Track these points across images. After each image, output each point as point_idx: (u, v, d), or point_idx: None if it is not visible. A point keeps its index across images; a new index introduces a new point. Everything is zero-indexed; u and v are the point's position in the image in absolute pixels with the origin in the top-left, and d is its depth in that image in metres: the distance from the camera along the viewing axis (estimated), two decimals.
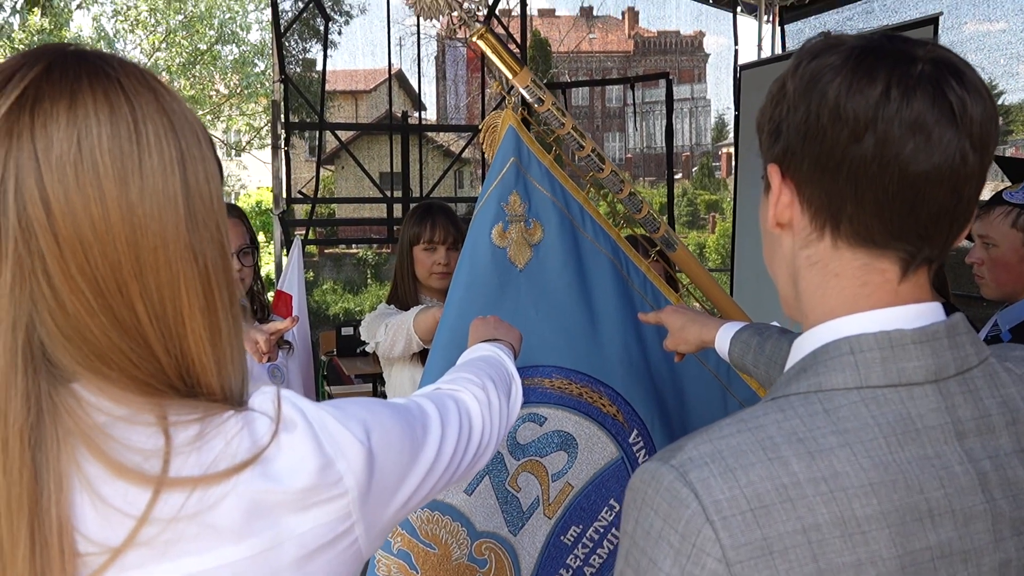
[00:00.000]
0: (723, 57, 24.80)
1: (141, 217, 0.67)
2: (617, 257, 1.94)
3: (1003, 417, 0.77)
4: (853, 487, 0.70)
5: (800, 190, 0.80)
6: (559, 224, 1.90)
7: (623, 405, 1.90)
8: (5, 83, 0.66)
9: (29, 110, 0.65)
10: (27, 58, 0.69)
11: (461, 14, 1.82)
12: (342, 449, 0.75)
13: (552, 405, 1.87)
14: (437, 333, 1.86)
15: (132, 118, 0.68)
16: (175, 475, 0.67)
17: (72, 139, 0.65)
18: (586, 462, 1.88)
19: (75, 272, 0.65)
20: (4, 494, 0.63)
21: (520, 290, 1.87)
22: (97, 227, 0.66)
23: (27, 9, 15.60)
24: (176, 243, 0.69)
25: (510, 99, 1.93)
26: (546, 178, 1.91)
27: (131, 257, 0.67)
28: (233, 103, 19.12)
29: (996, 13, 5.87)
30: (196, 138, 0.73)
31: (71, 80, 0.67)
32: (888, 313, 0.77)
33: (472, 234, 1.89)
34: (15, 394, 0.64)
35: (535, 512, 1.85)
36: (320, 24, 7.33)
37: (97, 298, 0.66)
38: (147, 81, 0.71)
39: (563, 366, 1.88)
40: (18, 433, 0.63)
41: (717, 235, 19.26)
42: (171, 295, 0.69)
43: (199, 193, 0.72)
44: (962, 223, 0.78)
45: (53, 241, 0.64)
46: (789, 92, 0.79)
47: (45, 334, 0.66)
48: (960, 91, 0.73)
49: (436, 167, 11.57)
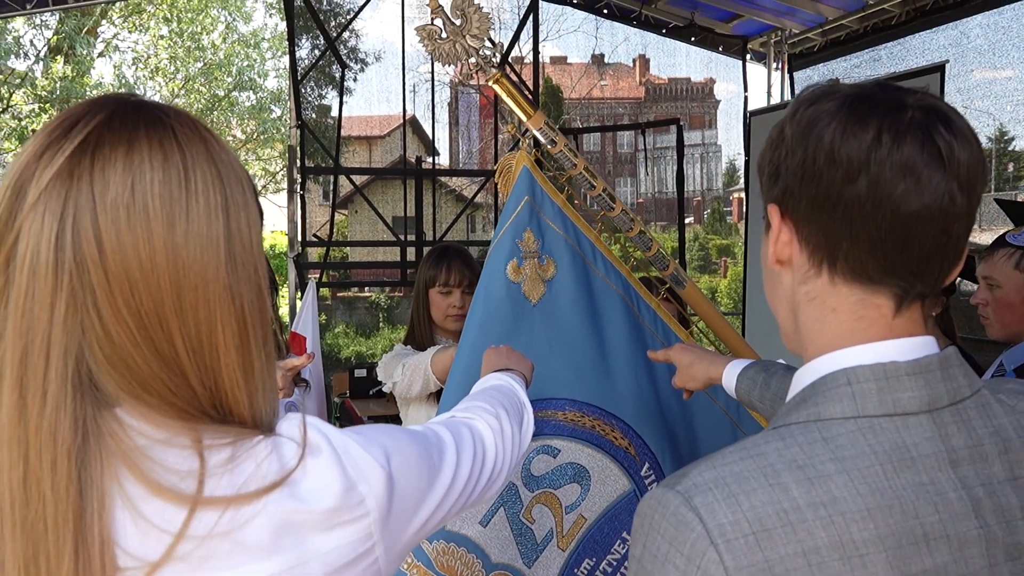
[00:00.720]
0: (733, 104, 25.07)
1: (185, 258, 0.72)
2: (628, 293, 1.99)
3: (996, 446, 0.80)
4: (851, 512, 0.74)
5: (798, 229, 0.84)
6: (571, 261, 1.95)
7: (635, 438, 1.93)
8: (70, 128, 0.72)
9: (90, 154, 0.71)
10: (91, 106, 0.74)
11: (478, 60, 1.89)
12: (364, 473, 0.79)
13: (565, 437, 1.90)
14: (453, 365, 1.90)
15: (183, 165, 0.73)
16: (209, 495, 0.72)
17: (127, 183, 0.71)
18: (599, 494, 1.90)
19: (122, 306, 0.70)
20: (52, 510, 0.67)
21: (534, 324, 1.92)
22: (144, 265, 0.71)
23: (50, 57, 15.97)
24: (216, 283, 0.74)
25: (524, 141, 1.99)
26: (559, 216, 1.97)
27: (173, 295, 0.72)
28: (249, 148, 19.39)
29: (1002, 61, 5.96)
30: (240, 186, 0.78)
31: (130, 128, 0.73)
32: (883, 346, 0.81)
33: (487, 269, 1.94)
34: (64, 416, 0.68)
35: (549, 544, 1.87)
36: (336, 71, 7.49)
37: (140, 330, 0.71)
38: (199, 131, 0.77)
39: (576, 399, 1.91)
40: (66, 453, 0.67)
41: (729, 279, 19.28)
42: (208, 332, 0.74)
43: (240, 238, 0.77)
44: (953, 260, 0.82)
45: (103, 276, 0.69)
46: (787, 137, 0.84)
47: (93, 361, 0.70)
48: (948, 136, 0.78)
49: (449, 211, 11.69)
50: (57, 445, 0.67)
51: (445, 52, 1.88)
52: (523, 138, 1.99)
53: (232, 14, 18.50)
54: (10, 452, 0.68)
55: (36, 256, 0.68)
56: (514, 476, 1.87)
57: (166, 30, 18.00)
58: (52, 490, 0.67)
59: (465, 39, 1.87)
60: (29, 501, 0.67)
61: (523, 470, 1.88)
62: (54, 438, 0.67)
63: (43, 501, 0.67)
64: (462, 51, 1.87)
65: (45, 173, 0.70)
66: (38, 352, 0.68)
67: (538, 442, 1.88)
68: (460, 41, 1.87)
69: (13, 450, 0.67)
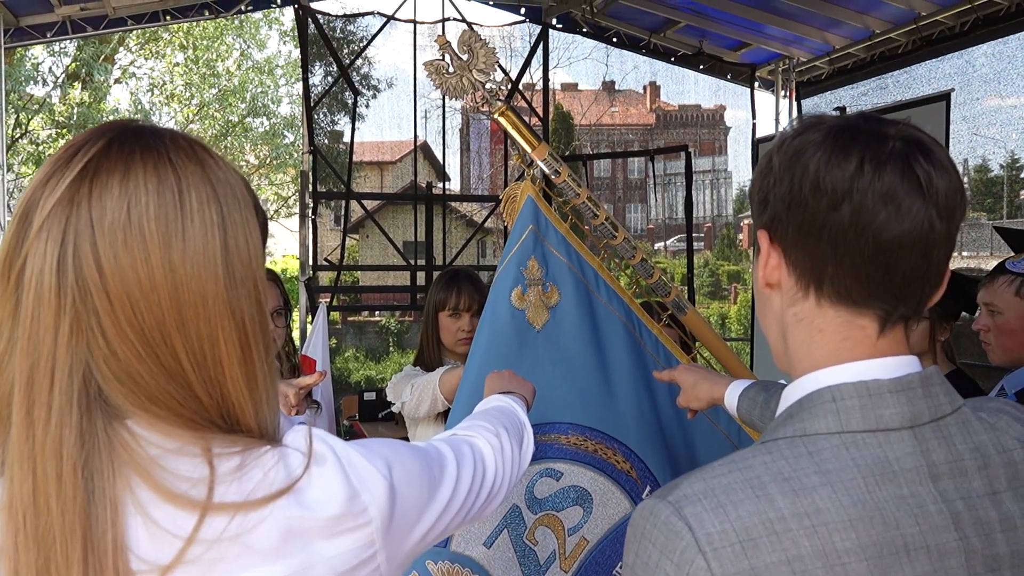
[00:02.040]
0: (743, 131, 25.14)
1: (182, 276, 0.76)
2: (630, 320, 2.03)
3: (975, 462, 0.84)
4: (834, 522, 0.77)
5: (786, 253, 0.88)
6: (575, 288, 2.00)
7: (636, 462, 1.96)
8: (72, 156, 0.77)
9: (89, 181, 0.75)
10: (93, 134, 0.79)
11: (484, 93, 1.95)
12: (367, 482, 0.83)
13: (568, 461, 1.93)
14: (459, 390, 1.94)
15: (178, 187, 0.77)
16: (219, 501, 0.75)
17: (123, 207, 0.75)
18: (601, 517, 1.93)
19: (125, 324, 0.74)
20: (59, 521, 0.71)
21: (538, 350, 1.96)
22: (143, 285, 0.74)
23: (68, 83, 16.21)
24: (215, 300, 0.78)
25: (530, 171, 2.05)
26: (562, 245, 2.02)
27: (174, 312, 0.76)
28: (262, 173, 19.57)
29: (1008, 90, 6.02)
30: (237, 203, 0.82)
31: (126, 155, 0.77)
32: (867, 365, 0.85)
33: (493, 296, 1.99)
34: (70, 432, 0.72)
35: (552, 566, 1.90)
36: (349, 98, 7.59)
37: (144, 347, 0.75)
38: (195, 152, 0.81)
39: (579, 423, 1.95)
40: (72, 466, 0.71)
41: (739, 305, 19.25)
42: (211, 346, 0.78)
43: (238, 254, 0.80)
44: (933, 284, 0.86)
45: (105, 298, 0.73)
46: (775, 166, 0.88)
47: (101, 378, 0.74)
48: (927, 166, 0.82)
49: (459, 236, 11.76)
50: (63, 459, 0.71)
51: (452, 86, 1.94)
52: (528, 169, 2.04)
53: (247, 41, 18.75)
54: (20, 467, 0.72)
55: (40, 280, 0.72)
56: (517, 498, 1.90)
57: (181, 57, 18.26)
58: (59, 502, 0.71)
59: (471, 73, 1.93)
60: (39, 513, 0.71)
61: (526, 493, 1.91)
62: (59, 452, 0.71)
63: (51, 512, 0.70)
64: (468, 85, 1.93)
65: (48, 200, 0.74)
66: (43, 372, 0.72)
67: (541, 465, 1.91)
68: (467, 75, 1.93)
69: (23, 465, 0.71)
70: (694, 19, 6.45)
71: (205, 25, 17.21)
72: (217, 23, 17.22)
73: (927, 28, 5.63)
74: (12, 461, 0.72)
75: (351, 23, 11.10)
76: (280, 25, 18.77)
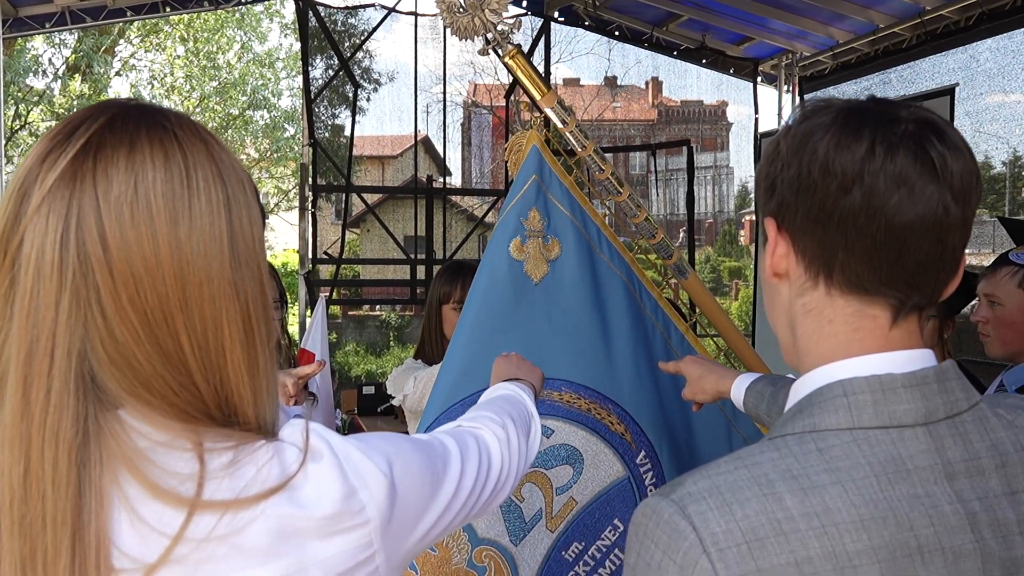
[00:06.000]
0: (745, 126, 25.05)
1: (188, 254, 0.73)
2: (631, 280, 1.99)
3: (992, 460, 0.80)
4: (844, 522, 0.74)
5: (795, 241, 0.84)
6: (576, 243, 1.96)
7: (631, 425, 1.92)
8: (72, 133, 0.73)
9: (93, 156, 0.72)
10: (93, 111, 0.76)
11: (495, 35, 1.90)
12: (365, 480, 0.79)
13: (560, 418, 1.89)
14: (452, 341, 1.90)
15: (184, 164, 0.74)
16: (208, 498, 0.72)
17: (129, 182, 0.72)
18: (592, 479, 1.89)
19: (126, 303, 0.71)
20: (51, 508, 0.67)
21: (535, 303, 1.92)
22: (148, 262, 0.71)
23: (68, 76, 16.16)
24: (220, 279, 0.75)
25: (536, 120, 2.01)
26: (566, 197, 1.98)
27: (178, 291, 0.73)
28: (263, 166, 19.53)
29: (1012, 85, 5.97)
30: (241, 185, 0.79)
31: (131, 130, 0.74)
32: (879, 358, 0.81)
33: (491, 247, 1.94)
34: (66, 415, 0.69)
35: (537, 524, 1.86)
36: (349, 91, 7.55)
37: (144, 328, 0.71)
38: (199, 133, 0.78)
39: (573, 381, 1.90)
40: (67, 451, 0.68)
41: (740, 301, 19.22)
42: (214, 328, 0.75)
43: (242, 235, 0.78)
44: (949, 271, 0.82)
45: (108, 274, 0.70)
46: (783, 150, 0.84)
47: (95, 361, 0.71)
48: (941, 148, 0.78)
49: (460, 230, 11.71)
50: (59, 443, 0.68)
51: (463, 26, 1.89)
52: (534, 117, 2.00)
53: (247, 34, 18.69)
54: (12, 450, 0.68)
55: (41, 257, 0.69)
56: None
57: (182, 49, 18.21)
58: (52, 488, 0.67)
59: (484, 13, 1.88)
60: (28, 499, 0.67)
61: None
62: (56, 436, 0.68)
63: (43, 499, 0.67)
64: (480, 25, 1.88)
65: (49, 176, 0.71)
66: (43, 351, 0.69)
67: None
68: (478, 15, 1.88)
69: (15, 448, 0.68)
70: (697, 13, 6.42)
71: (206, 17, 17.16)
72: (218, 15, 17.19)
73: (931, 23, 5.59)
74: (3, 443, 0.68)
75: (352, 16, 11.07)
76: (281, 18, 18.70)
